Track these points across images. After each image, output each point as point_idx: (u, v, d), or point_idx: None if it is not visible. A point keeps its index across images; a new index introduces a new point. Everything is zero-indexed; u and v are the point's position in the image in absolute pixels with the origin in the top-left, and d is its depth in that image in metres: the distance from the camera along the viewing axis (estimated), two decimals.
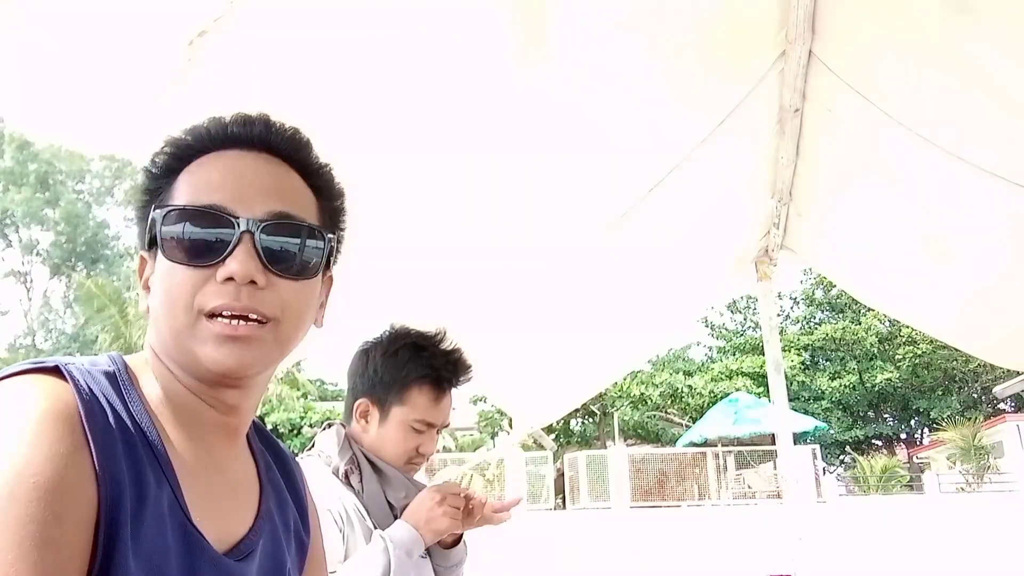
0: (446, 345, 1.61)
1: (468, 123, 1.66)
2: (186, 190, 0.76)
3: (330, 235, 0.80)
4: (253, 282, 0.73)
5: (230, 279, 0.72)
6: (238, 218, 0.73)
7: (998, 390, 22.80)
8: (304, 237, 0.77)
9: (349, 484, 1.51)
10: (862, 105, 2.01)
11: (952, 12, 1.55)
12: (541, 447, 21.45)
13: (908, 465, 25.38)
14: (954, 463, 22.37)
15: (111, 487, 0.64)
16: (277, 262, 0.74)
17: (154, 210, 0.75)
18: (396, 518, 1.50)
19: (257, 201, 0.75)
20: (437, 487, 1.52)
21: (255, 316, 0.73)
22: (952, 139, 1.89)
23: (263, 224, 0.74)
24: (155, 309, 0.75)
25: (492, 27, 1.44)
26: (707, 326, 28.89)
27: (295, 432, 20.73)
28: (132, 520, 0.64)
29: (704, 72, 2.04)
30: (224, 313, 0.72)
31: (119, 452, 0.66)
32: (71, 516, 0.61)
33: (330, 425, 1.63)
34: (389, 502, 1.53)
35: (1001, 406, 26.06)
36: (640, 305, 2.90)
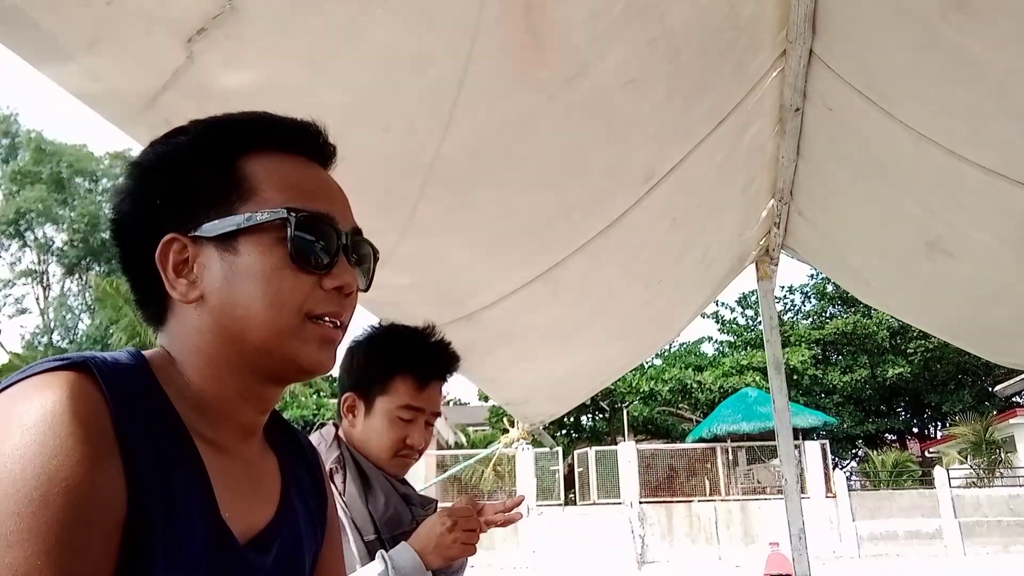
0: (433, 338, 1.59)
1: (468, 122, 1.67)
2: (281, 188, 0.76)
3: (376, 252, 0.85)
4: (349, 292, 0.78)
5: (337, 288, 0.76)
6: (340, 230, 0.78)
7: (999, 390, 22.62)
8: (372, 252, 0.83)
9: (332, 483, 1.46)
10: (862, 104, 2.00)
11: (952, 11, 1.54)
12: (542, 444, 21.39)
13: (920, 460, 25.22)
14: (965, 458, 22.20)
15: (140, 488, 0.64)
16: (361, 275, 0.81)
17: (288, 213, 0.74)
18: (376, 524, 1.48)
19: (345, 214, 0.80)
20: (448, 511, 1.45)
21: (343, 323, 0.78)
22: (952, 138, 1.88)
23: (352, 238, 0.79)
24: (242, 305, 0.73)
25: (490, 26, 1.45)
26: (717, 321, 28.73)
27: (308, 429, 20.83)
28: (162, 520, 0.65)
29: (704, 72, 2.04)
30: (326, 318, 0.76)
31: (149, 451, 0.66)
32: (100, 520, 0.61)
33: (323, 424, 1.65)
34: (369, 510, 1.49)
35: (1015, 400, 25.82)
36: (641, 305, 2.90)
